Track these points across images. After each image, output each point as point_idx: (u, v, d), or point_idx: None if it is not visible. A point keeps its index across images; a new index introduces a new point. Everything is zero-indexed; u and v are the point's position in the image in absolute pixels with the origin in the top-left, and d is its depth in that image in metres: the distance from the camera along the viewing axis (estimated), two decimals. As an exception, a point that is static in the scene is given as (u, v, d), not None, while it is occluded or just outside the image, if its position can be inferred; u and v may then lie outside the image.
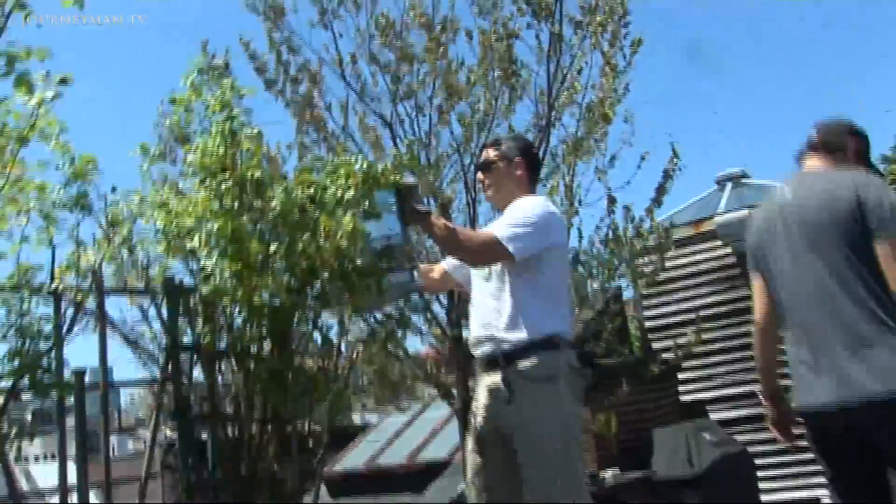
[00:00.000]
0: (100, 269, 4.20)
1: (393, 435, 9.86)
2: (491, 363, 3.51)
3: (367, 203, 3.70)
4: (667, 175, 6.49)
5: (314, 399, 4.04)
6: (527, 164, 3.75)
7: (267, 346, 3.97)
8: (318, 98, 6.32)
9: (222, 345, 4.10)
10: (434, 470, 8.38)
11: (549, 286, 3.49)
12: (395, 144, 6.32)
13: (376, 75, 6.30)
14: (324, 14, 6.24)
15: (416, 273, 3.88)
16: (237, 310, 3.81)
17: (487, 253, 3.51)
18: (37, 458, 13.59)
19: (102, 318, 4.30)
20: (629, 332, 11.16)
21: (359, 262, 3.70)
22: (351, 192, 3.71)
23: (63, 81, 3.27)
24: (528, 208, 3.54)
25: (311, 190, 3.88)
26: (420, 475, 8.61)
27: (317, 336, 4.16)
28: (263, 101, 6.26)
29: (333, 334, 4.25)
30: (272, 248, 3.59)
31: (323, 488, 9.77)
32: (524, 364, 3.37)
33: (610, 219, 6.34)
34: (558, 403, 3.36)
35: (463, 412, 6.00)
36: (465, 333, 6.05)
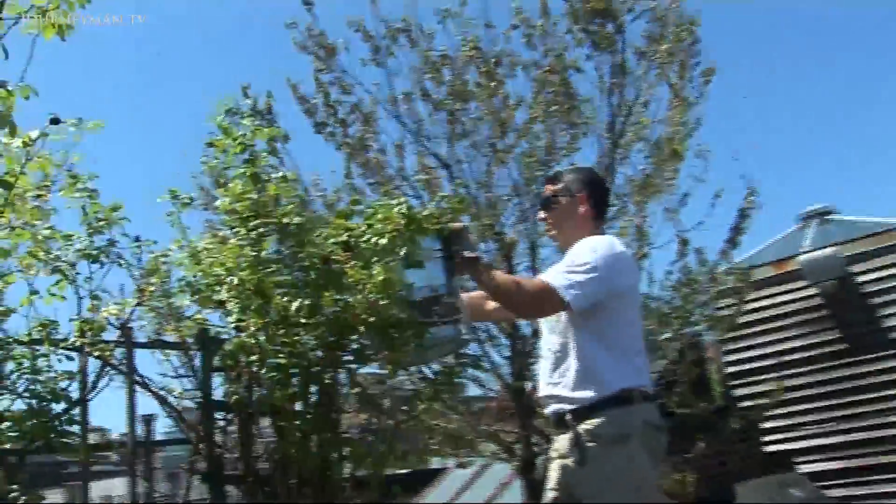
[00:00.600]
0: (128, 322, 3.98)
1: (461, 487, 9.51)
2: (560, 422, 3.16)
3: (406, 250, 3.39)
4: (743, 214, 6.04)
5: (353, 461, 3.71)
6: (592, 200, 3.37)
7: (300, 405, 3.68)
8: (371, 139, 6.07)
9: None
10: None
11: (618, 336, 3.16)
12: (456, 188, 6.02)
13: (433, 114, 6.01)
14: (377, 52, 6.00)
15: (463, 326, 3.53)
16: (263, 367, 3.51)
17: (540, 304, 3.16)
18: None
19: (132, 374, 4.08)
20: (708, 380, 10.62)
21: (397, 314, 3.38)
22: (386, 240, 3.41)
23: (54, 121, 3.06)
24: (589, 250, 3.14)
25: (344, 237, 3.60)
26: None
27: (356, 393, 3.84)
28: (318, 142, 6.06)
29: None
30: (295, 304, 3.28)
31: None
32: (592, 423, 3.02)
33: (682, 262, 5.89)
34: (632, 466, 3.00)
35: (525, 469, 5.61)
36: (527, 386, 5.70)
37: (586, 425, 3.03)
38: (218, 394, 4.03)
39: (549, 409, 3.23)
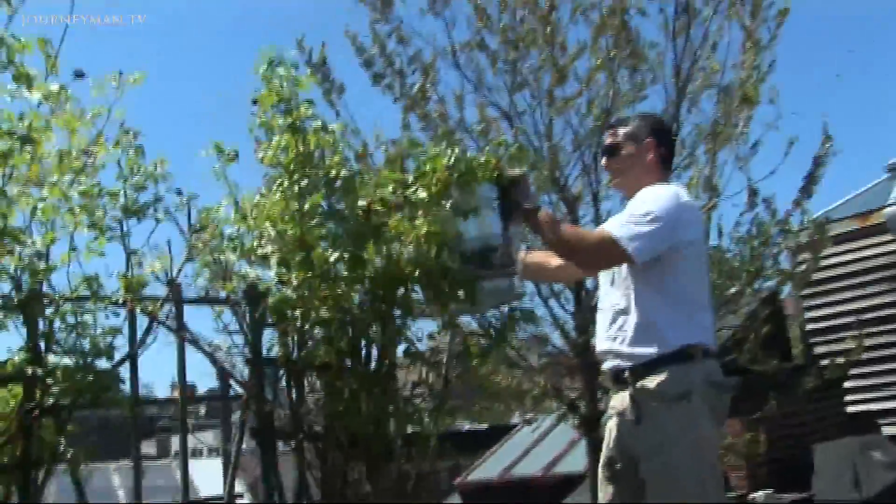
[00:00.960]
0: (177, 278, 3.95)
1: (530, 444, 9.43)
2: (618, 379, 3.03)
3: (453, 201, 3.26)
4: (818, 162, 5.70)
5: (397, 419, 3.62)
6: (659, 146, 3.17)
7: (348, 361, 3.60)
8: (431, 90, 5.91)
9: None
10: (570, 483, 7.89)
11: (682, 290, 2.98)
12: (516, 137, 5.84)
13: (495, 64, 5.82)
14: (435, 1, 5.82)
15: (517, 278, 3.38)
16: (308, 322, 3.44)
17: (602, 256, 3.02)
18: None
19: (181, 330, 4.06)
20: (785, 337, 10.31)
21: (445, 265, 3.26)
22: (426, 193, 3.29)
23: (78, 75, 3.00)
24: (652, 200, 2.97)
25: (390, 189, 3.49)
26: (555, 488, 8.16)
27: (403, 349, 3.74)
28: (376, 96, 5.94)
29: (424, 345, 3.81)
30: (334, 255, 3.19)
31: (457, 497, 9.48)
32: (652, 381, 2.88)
33: (752, 213, 5.60)
34: (692, 425, 2.84)
35: (589, 427, 5.48)
36: (592, 341, 5.54)
37: (645, 382, 2.89)
38: (270, 350, 3.99)
39: (607, 366, 3.09)
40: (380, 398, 3.64)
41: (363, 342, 3.55)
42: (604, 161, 3.33)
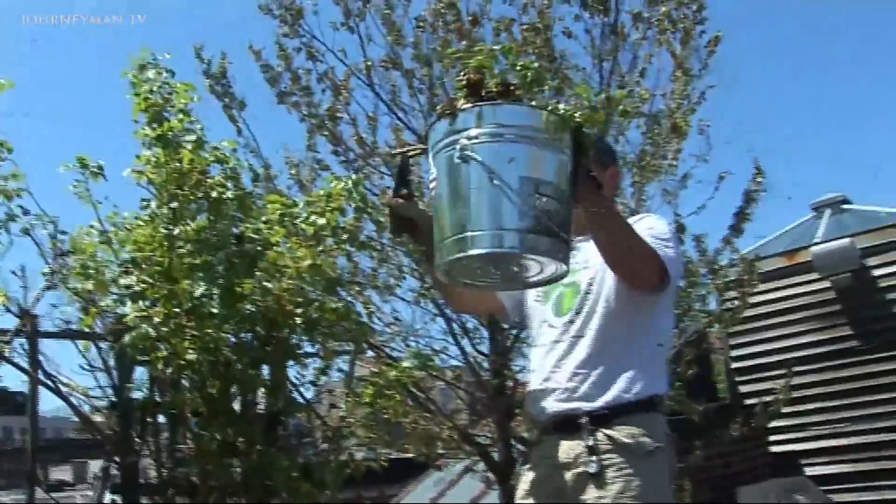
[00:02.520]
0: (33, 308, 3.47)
1: (444, 487, 8.99)
2: (567, 426, 2.54)
3: (349, 234, 2.86)
4: (748, 198, 5.44)
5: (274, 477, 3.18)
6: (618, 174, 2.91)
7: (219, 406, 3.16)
8: (342, 111, 5.50)
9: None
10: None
11: (659, 332, 2.63)
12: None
13: (411, 83, 5.43)
14: (349, 16, 5.42)
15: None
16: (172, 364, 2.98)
17: (653, 269, 2.50)
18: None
19: (35, 370, 3.57)
20: (711, 378, 10.11)
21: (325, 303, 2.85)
22: (324, 220, 2.89)
23: None
24: (661, 226, 2.59)
25: (277, 215, 3.08)
26: (469, 535, 7.74)
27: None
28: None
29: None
30: (200, 289, 2.75)
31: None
32: (620, 431, 2.46)
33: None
34: (659, 485, 2.44)
35: (502, 477, 5.08)
36: (507, 383, 5.15)
37: (612, 433, 2.47)
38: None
39: (554, 409, 2.60)
40: (261, 449, 3.21)
41: (237, 387, 3.12)
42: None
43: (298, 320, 2.95)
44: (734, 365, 10.12)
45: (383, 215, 5.09)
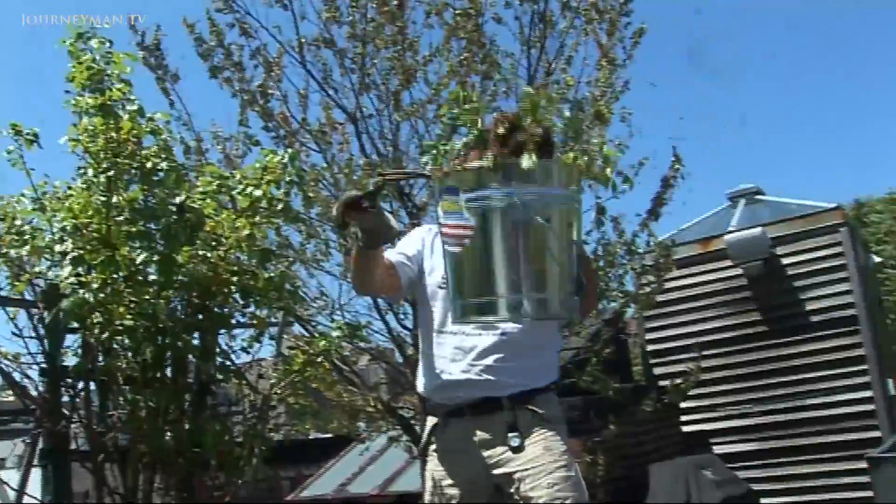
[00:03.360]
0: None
1: (367, 461, 9.12)
2: (486, 407, 2.70)
3: (283, 206, 2.95)
4: (666, 184, 5.65)
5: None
6: None
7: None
8: (273, 87, 5.54)
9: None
10: (405, 503, 7.63)
11: (559, 337, 3.00)
12: (360, 141, 5.55)
13: (343, 62, 5.50)
14: (282, -9, 5.45)
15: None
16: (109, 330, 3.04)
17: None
18: None
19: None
20: (626, 359, 10.41)
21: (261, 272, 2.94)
22: (260, 192, 2.97)
23: None
24: None
25: (215, 185, 3.14)
26: (390, 507, 7.89)
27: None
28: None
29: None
30: (141, 256, 2.81)
31: (290, 515, 9.08)
32: (536, 405, 2.69)
33: (599, 233, 5.46)
34: (568, 446, 2.69)
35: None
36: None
37: (530, 406, 2.68)
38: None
39: (470, 395, 2.72)
40: (192, 416, 3.29)
41: (172, 354, 3.19)
42: None
43: (233, 288, 3.03)
44: (650, 348, 10.42)
45: (312, 190, 5.17)
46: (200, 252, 2.92)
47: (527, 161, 2.13)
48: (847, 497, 8.72)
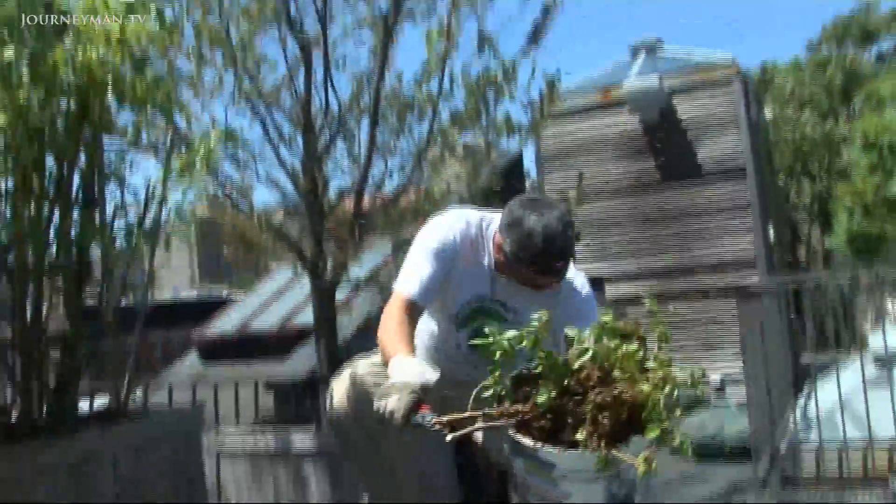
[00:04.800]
0: None
1: (269, 298, 9.33)
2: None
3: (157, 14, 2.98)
4: (546, 11, 5.69)
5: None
6: None
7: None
8: None
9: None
10: (304, 335, 7.86)
11: None
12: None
13: None
14: None
15: None
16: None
17: None
18: None
19: None
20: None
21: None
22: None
23: None
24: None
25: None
26: (290, 340, 8.13)
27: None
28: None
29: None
30: (8, 52, 2.83)
31: (194, 354, 9.28)
32: None
33: (481, 61, 5.48)
34: None
35: (314, 275, 5.36)
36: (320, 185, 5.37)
37: None
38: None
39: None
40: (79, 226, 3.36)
41: (53, 159, 3.23)
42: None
43: (110, 91, 3.07)
44: (548, 190, 10.75)
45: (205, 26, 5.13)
46: (74, 53, 2.93)
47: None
48: (720, 335, 9.33)
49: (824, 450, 5.82)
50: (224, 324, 9.21)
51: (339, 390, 2.80)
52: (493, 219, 2.73)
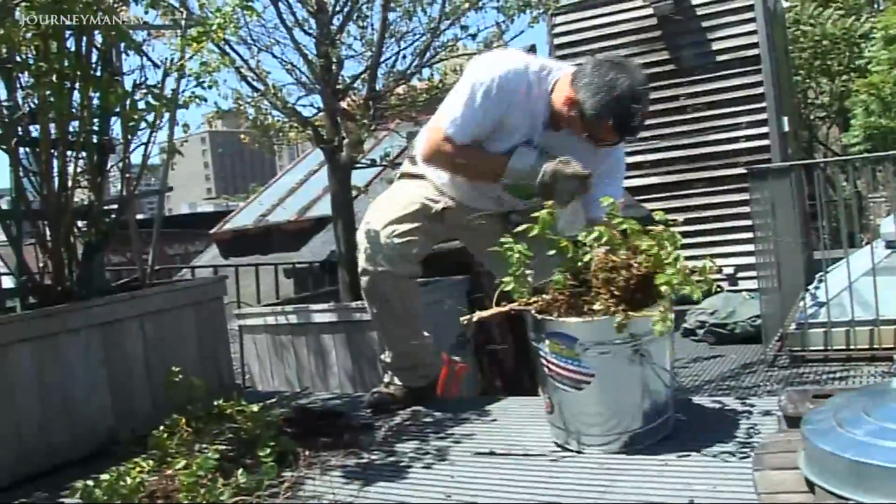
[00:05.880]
0: None
1: (286, 193, 9.44)
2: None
3: None
4: None
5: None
6: None
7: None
8: None
9: None
10: (321, 224, 8.00)
11: None
12: None
13: None
14: None
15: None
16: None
17: None
18: None
19: None
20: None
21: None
22: None
23: None
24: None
25: None
26: (308, 231, 8.26)
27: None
28: None
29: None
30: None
31: (214, 249, 9.46)
32: None
33: None
34: None
35: (333, 148, 5.35)
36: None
37: None
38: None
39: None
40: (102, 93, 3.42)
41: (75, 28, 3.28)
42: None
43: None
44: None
45: None
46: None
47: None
48: (735, 225, 9.36)
49: (831, 330, 5.96)
50: (242, 219, 9.36)
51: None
52: (553, 68, 2.79)
